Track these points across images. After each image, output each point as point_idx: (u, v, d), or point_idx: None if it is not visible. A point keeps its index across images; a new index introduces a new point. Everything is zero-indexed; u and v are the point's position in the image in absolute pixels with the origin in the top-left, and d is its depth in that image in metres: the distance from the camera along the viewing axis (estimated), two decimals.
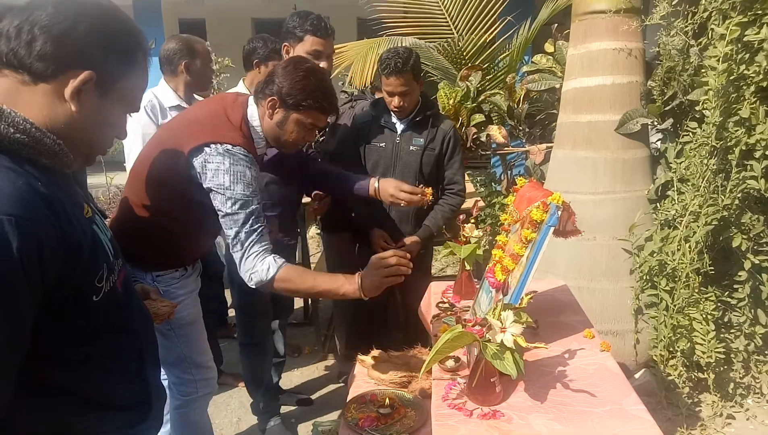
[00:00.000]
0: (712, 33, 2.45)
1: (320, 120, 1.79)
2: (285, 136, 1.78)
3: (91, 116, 0.90)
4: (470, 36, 4.52)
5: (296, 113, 1.74)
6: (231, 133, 1.67)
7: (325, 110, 1.77)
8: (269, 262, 1.61)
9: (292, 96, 1.71)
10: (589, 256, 2.82)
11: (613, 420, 1.29)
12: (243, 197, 1.62)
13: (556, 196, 1.51)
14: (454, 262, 4.76)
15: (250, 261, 1.62)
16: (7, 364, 0.80)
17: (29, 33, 0.83)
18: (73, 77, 0.86)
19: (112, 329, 0.98)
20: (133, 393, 1.05)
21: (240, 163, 1.63)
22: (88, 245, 0.90)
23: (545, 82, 3.74)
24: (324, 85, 1.76)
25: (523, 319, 1.34)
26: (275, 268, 1.61)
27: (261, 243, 1.64)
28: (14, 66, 0.85)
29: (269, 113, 1.75)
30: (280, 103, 1.73)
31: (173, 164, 1.66)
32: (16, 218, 0.76)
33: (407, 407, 1.85)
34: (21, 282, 0.77)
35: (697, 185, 2.52)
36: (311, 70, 1.76)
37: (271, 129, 1.78)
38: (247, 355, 2.51)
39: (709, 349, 2.46)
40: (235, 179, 1.62)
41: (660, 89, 2.86)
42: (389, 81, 2.39)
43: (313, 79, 1.73)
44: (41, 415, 0.90)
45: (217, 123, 1.70)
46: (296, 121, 1.75)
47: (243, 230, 1.62)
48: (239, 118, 1.74)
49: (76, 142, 0.92)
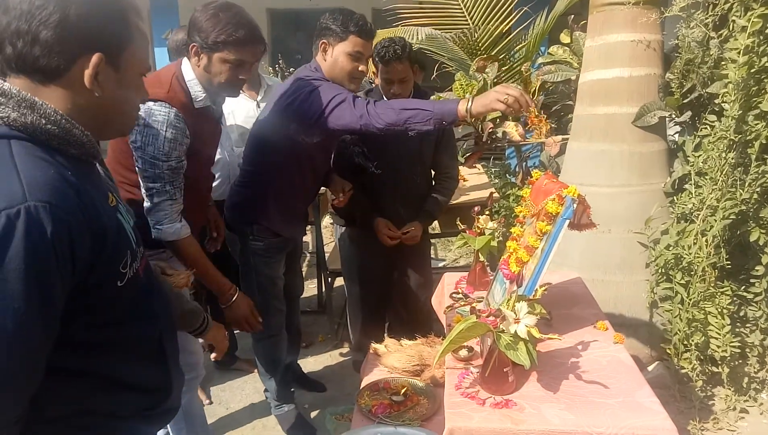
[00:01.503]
0: (733, 25, 2.42)
1: (244, 53, 1.75)
2: (216, 79, 1.77)
3: (114, 92, 0.92)
4: (486, 26, 4.48)
5: (217, 53, 1.72)
6: (155, 90, 1.69)
7: (242, 42, 1.73)
8: (177, 227, 1.78)
9: (208, 36, 1.70)
10: (603, 248, 2.81)
11: (626, 411, 1.31)
12: (152, 158, 1.70)
13: (571, 188, 1.51)
14: (468, 253, 4.77)
15: (158, 216, 1.76)
16: (40, 346, 0.83)
17: (28, 32, 0.84)
18: (84, 63, 0.87)
19: (135, 315, 1.01)
20: (154, 376, 1.08)
21: (154, 124, 1.68)
22: (113, 233, 0.92)
23: (561, 73, 3.71)
24: (236, 17, 1.72)
25: (537, 311, 1.36)
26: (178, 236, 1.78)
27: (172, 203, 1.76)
28: (26, 71, 0.87)
29: (195, 61, 1.76)
30: (201, 48, 1.73)
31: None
32: (50, 205, 0.79)
33: (420, 395, 1.87)
34: (53, 267, 0.80)
35: (715, 179, 2.49)
36: (222, 5, 1.74)
37: (203, 77, 1.78)
38: (263, 348, 2.54)
39: (724, 343, 2.45)
40: (147, 141, 1.69)
41: (678, 82, 2.83)
42: (388, 68, 2.41)
43: (222, 15, 1.71)
44: (66, 395, 0.93)
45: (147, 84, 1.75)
46: (220, 61, 1.74)
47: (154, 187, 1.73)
48: (170, 75, 1.77)
49: (109, 119, 0.95)
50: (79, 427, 0.96)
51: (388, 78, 2.44)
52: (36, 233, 0.77)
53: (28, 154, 0.83)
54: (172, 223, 1.77)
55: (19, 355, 0.79)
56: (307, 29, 2.27)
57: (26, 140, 0.85)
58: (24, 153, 0.83)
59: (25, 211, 0.77)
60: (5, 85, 0.85)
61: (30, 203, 0.77)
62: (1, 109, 0.84)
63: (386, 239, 2.56)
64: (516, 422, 1.29)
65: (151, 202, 1.75)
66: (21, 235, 0.76)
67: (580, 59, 3.35)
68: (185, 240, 1.82)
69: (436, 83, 4.87)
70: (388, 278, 2.81)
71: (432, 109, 1.87)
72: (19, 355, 0.79)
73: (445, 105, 1.88)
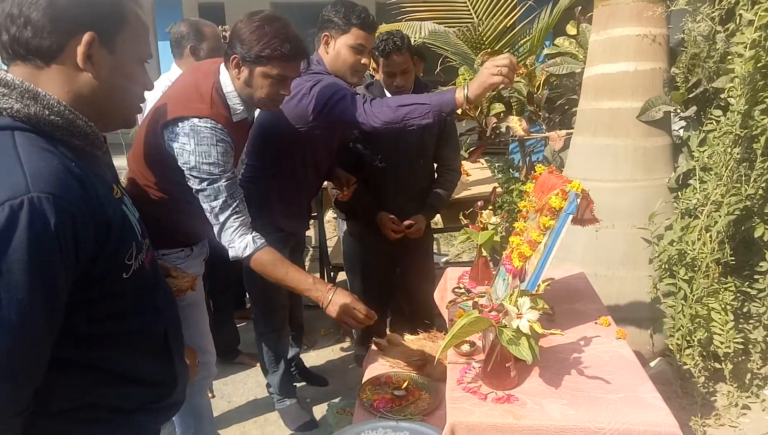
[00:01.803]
0: (740, 19, 2.40)
1: (287, 69, 1.69)
2: (257, 94, 1.71)
3: (110, 76, 0.92)
4: (490, 21, 4.46)
5: (259, 66, 1.66)
6: (198, 105, 1.65)
7: (287, 57, 1.67)
8: (248, 240, 1.68)
9: (251, 49, 1.64)
10: (607, 244, 2.80)
11: (628, 407, 1.30)
12: (209, 175, 1.63)
13: (575, 183, 1.50)
14: (471, 248, 4.76)
15: (228, 234, 1.67)
16: (43, 337, 0.83)
17: (20, 15, 0.85)
18: (77, 44, 0.87)
19: (140, 307, 1.01)
20: (160, 370, 1.08)
21: (203, 142, 1.61)
22: (118, 224, 0.92)
23: (566, 66, 3.69)
24: (282, 31, 1.66)
25: (540, 306, 1.35)
26: (252, 248, 1.67)
27: (237, 217, 1.68)
28: (21, 55, 0.87)
29: (236, 73, 1.69)
30: (242, 61, 1.66)
31: (155, 141, 1.68)
32: (54, 196, 0.79)
33: (422, 390, 1.87)
34: (57, 258, 0.80)
35: (720, 174, 2.48)
36: (266, 18, 1.67)
37: (243, 89, 1.72)
38: (266, 342, 2.55)
39: (727, 339, 2.44)
40: (201, 159, 1.62)
41: (684, 76, 2.81)
42: (389, 61, 2.41)
43: (268, 27, 1.64)
44: (70, 389, 0.94)
45: (185, 96, 1.68)
46: (262, 75, 1.68)
47: (217, 204, 1.65)
48: (209, 87, 1.70)
49: (109, 108, 0.94)
50: (83, 421, 0.96)
51: (390, 71, 2.44)
52: (39, 224, 0.78)
53: (32, 145, 0.83)
54: (242, 236, 1.68)
55: (22, 346, 0.79)
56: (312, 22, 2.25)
57: (30, 131, 0.85)
58: (27, 144, 0.83)
59: (28, 202, 0.77)
60: (8, 77, 0.85)
61: (33, 194, 0.78)
62: (5, 101, 0.84)
63: (390, 233, 2.55)
64: (517, 417, 1.29)
65: (217, 222, 1.68)
66: (24, 226, 0.76)
67: (585, 52, 3.33)
68: (263, 252, 1.70)
69: (440, 78, 4.86)
70: (390, 273, 2.81)
71: (429, 102, 1.85)
72: (23, 347, 0.80)
73: (443, 96, 1.86)
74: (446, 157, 2.71)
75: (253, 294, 2.54)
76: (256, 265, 1.70)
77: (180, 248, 1.85)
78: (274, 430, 2.62)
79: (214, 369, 2.11)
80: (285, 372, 2.60)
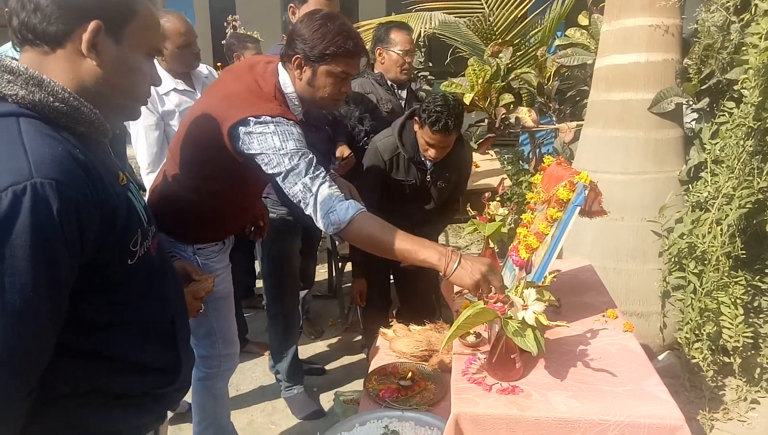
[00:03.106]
0: (755, 9, 2.35)
1: (351, 66, 1.67)
2: (319, 93, 1.68)
3: (114, 66, 0.92)
4: (501, 11, 4.42)
5: (324, 65, 1.63)
6: (268, 104, 1.63)
7: (351, 54, 1.64)
8: (349, 203, 1.53)
9: (315, 48, 1.61)
10: (616, 236, 2.78)
11: (634, 400, 1.30)
12: (298, 150, 1.57)
13: (583, 175, 1.49)
14: (479, 240, 4.75)
15: (326, 202, 1.53)
16: (48, 323, 0.84)
17: (31, 1, 0.86)
18: (83, 32, 0.88)
19: (147, 295, 1.02)
20: (165, 357, 1.09)
21: (282, 124, 1.59)
22: (123, 211, 0.93)
23: (578, 57, 3.65)
24: (344, 27, 1.64)
25: (546, 298, 1.35)
26: (354, 210, 1.51)
27: (331, 186, 1.57)
28: (29, 39, 0.88)
29: (298, 74, 1.67)
30: (305, 60, 1.64)
31: (214, 141, 1.63)
32: (57, 183, 0.80)
33: (427, 380, 1.88)
34: (60, 245, 0.81)
35: (732, 167, 2.45)
36: (327, 16, 1.65)
37: (305, 90, 1.69)
38: (275, 326, 2.57)
39: (736, 333, 2.42)
40: (285, 138, 1.57)
41: (697, 67, 2.77)
42: (435, 136, 2.32)
43: (331, 25, 1.62)
44: (76, 374, 0.95)
45: (251, 97, 1.65)
46: (326, 74, 1.65)
47: (307, 178, 1.56)
48: (272, 87, 1.68)
49: (113, 98, 0.94)
50: (88, 405, 0.98)
51: (430, 143, 2.37)
52: (42, 210, 0.78)
53: (37, 131, 0.84)
54: (341, 201, 1.54)
55: (26, 331, 0.80)
56: None
57: (35, 118, 0.85)
58: (32, 130, 0.83)
59: (31, 187, 0.77)
60: (13, 63, 0.86)
61: (36, 180, 0.78)
62: (10, 87, 0.85)
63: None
64: (522, 409, 1.29)
65: (311, 193, 1.55)
66: (27, 212, 0.77)
67: (597, 43, 3.29)
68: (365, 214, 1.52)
69: (450, 68, 4.83)
70: (396, 264, 2.82)
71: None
72: (27, 332, 0.80)
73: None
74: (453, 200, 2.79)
75: (265, 276, 2.56)
76: (358, 229, 1.51)
77: (215, 242, 1.86)
78: (282, 418, 2.64)
79: (236, 361, 2.13)
80: (294, 358, 2.62)
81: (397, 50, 2.76)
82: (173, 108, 2.58)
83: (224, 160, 1.66)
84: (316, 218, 1.57)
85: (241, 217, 2.00)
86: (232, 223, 1.93)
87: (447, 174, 2.58)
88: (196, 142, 1.71)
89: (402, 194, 2.57)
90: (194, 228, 1.79)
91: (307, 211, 1.58)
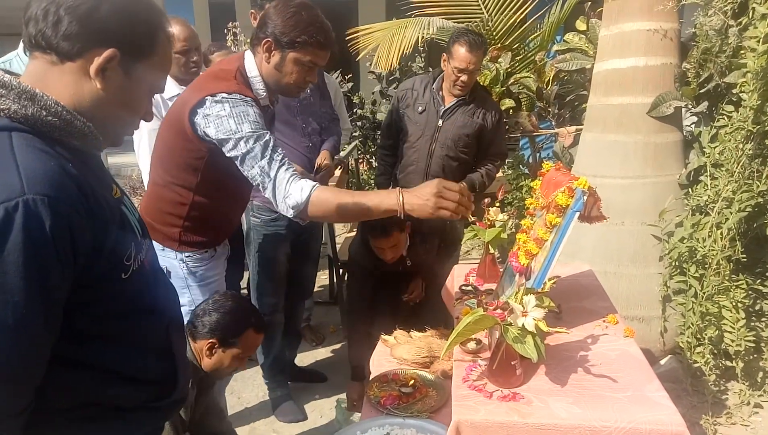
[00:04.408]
0: (752, 12, 2.36)
1: (319, 57, 1.69)
2: (285, 79, 1.70)
3: (116, 94, 0.92)
4: (500, 16, 4.43)
5: (293, 52, 1.65)
6: (225, 83, 1.64)
7: (321, 45, 1.67)
8: (302, 184, 1.54)
9: (286, 34, 1.63)
10: (616, 241, 2.78)
11: (634, 406, 1.30)
12: (253, 132, 1.58)
13: (582, 181, 1.49)
14: (479, 246, 4.75)
15: (282, 188, 1.55)
16: (42, 339, 0.83)
17: (55, 14, 0.86)
18: (97, 55, 0.88)
19: (140, 306, 1.01)
20: (160, 368, 1.07)
21: (239, 104, 1.60)
22: (117, 225, 0.93)
23: (576, 62, 3.66)
24: (318, 19, 1.67)
25: (546, 304, 1.35)
26: (309, 188, 1.53)
27: (287, 169, 1.58)
28: (42, 47, 0.88)
29: (266, 57, 1.68)
30: (275, 44, 1.65)
31: (181, 130, 1.66)
32: (49, 198, 0.79)
33: (428, 387, 1.88)
34: (53, 260, 0.80)
35: (732, 170, 2.45)
36: (302, 5, 1.67)
37: (271, 73, 1.70)
38: None
39: (738, 337, 2.41)
40: (240, 120, 1.58)
41: (695, 71, 2.77)
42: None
43: (305, 14, 1.64)
44: (71, 387, 0.94)
45: (210, 78, 1.68)
46: (294, 61, 1.67)
47: (264, 162, 1.57)
48: (233, 69, 1.70)
49: (103, 122, 0.94)
50: (83, 419, 0.97)
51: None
52: (35, 226, 0.78)
53: (29, 146, 0.83)
54: (296, 182, 1.54)
55: (20, 347, 0.80)
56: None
57: (27, 132, 0.85)
58: (24, 145, 0.83)
59: (23, 203, 0.77)
60: (6, 77, 0.86)
61: (28, 196, 0.78)
62: (2, 101, 0.84)
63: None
64: (523, 415, 1.29)
65: (269, 178, 1.56)
66: (19, 228, 0.77)
67: (595, 47, 3.30)
68: (320, 189, 1.53)
69: None
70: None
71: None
72: (21, 348, 0.80)
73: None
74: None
75: (250, 277, 2.62)
76: (317, 204, 1.52)
77: (204, 250, 1.85)
78: (283, 426, 2.64)
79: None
80: (275, 360, 2.64)
81: (453, 65, 2.64)
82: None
83: (197, 151, 1.67)
84: (275, 203, 1.57)
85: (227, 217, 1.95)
86: (220, 226, 1.90)
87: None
88: (168, 140, 1.73)
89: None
90: (182, 233, 1.79)
91: (265, 195, 1.60)
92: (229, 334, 1.71)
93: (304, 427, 2.63)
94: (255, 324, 1.77)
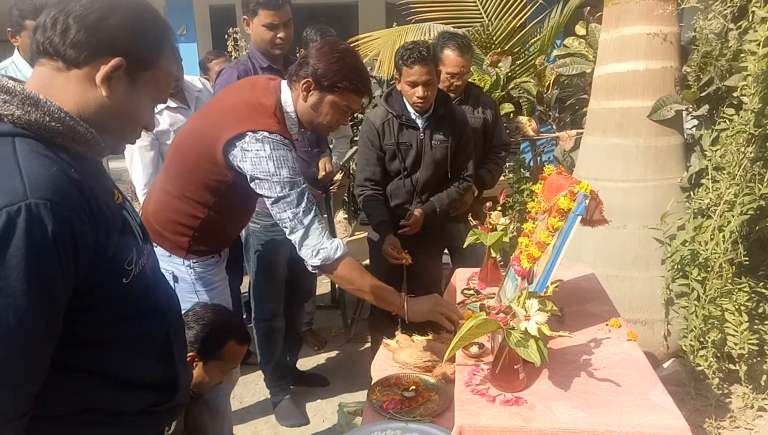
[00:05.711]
0: (752, 16, 2.37)
1: (355, 102, 1.76)
2: (319, 119, 1.76)
3: (120, 103, 0.94)
4: (500, 21, 4.45)
5: (331, 95, 1.71)
6: (266, 120, 1.68)
7: (360, 92, 1.75)
8: (338, 243, 1.67)
9: (327, 77, 1.68)
10: (618, 244, 2.78)
11: (638, 410, 1.29)
12: (291, 179, 1.65)
13: (583, 184, 1.50)
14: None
15: (315, 237, 1.65)
16: (43, 343, 0.84)
17: (64, 23, 0.87)
18: (104, 63, 0.89)
19: (141, 311, 1.01)
20: (161, 373, 1.07)
21: (280, 147, 1.65)
22: (118, 230, 0.93)
23: (576, 66, 3.67)
24: (359, 66, 1.74)
25: (548, 308, 1.35)
26: (343, 250, 1.67)
27: (320, 221, 1.68)
28: (49, 54, 0.89)
29: (304, 95, 1.73)
30: (315, 85, 1.70)
31: (210, 155, 1.68)
32: (52, 203, 0.80)
33: (431, 391, 1.87)
34: (55, 264, 0.81)
35: (733, 173, 2.45)
36: (346, 51, 1.74)
37: (306, 112, 1.75)
38: (257, 331, 2.62)
39: (741, 340, 2.41)
40: (279, 164, 1.63)
41: (696, 75, 2.78)
42: (413, 70, 2.34)
43: (348, 60, 1.71)
44: (72, 392, 0.94)
45: (251, 111, 1.70)
46: (331, 103, 1.73)
47: (299, 209, 1.65)
48: (273, 104, 1.73)
49: (106, 129, 0.95)
50: (83, 424, 0.97)
51: (412, 81, 2.37)
52: (37, 231, 0.78)
53: (32, 151, 0.84)
54: (331, 239, 1.68)
55: (21, 352, 0.80)
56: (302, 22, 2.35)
57: (31, 138, 0.86)
58: (27, 150, 0.84)
59: (26, 208, 0.78)
60: (9, 83, 0.87)
61: (31, 201, 0.78)
62: (6, 107, 0.85)
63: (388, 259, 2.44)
64: (526, 420, 1.28)
65: (302, 226, 1.65)
66: (22, 233, 0.77)
67: (595, 51, 3.31)
68: (350, 258, 1.70)
69: None
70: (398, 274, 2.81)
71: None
72: (22, 353, 0.80)
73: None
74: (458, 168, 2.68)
75: (250, 283, 2.63)
76: (344, 268, 1.69)
77: (211, 255, 1.87)
78: (285, 430, 2.63)
79: (238, 374, 2.13)
80: (278, 365, 2.64)
81: (446, 70, 2.61)
82: (167, 127, 2.61)
83: (221, 174, 1.70)
84: (298, 247, 1.68)
85: (237, 228, 2.02)
86: (227, 235, 1.95)
87: (441, 131, 2.53)
88: (193, 156, 1.74)
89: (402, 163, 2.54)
90: (189, 241, 1.80)
91: (289, 237, 1.68)
92: (210, 347, 1.66)
93: (306, 432, 2.62)
94: (237, 336, 1.72)
